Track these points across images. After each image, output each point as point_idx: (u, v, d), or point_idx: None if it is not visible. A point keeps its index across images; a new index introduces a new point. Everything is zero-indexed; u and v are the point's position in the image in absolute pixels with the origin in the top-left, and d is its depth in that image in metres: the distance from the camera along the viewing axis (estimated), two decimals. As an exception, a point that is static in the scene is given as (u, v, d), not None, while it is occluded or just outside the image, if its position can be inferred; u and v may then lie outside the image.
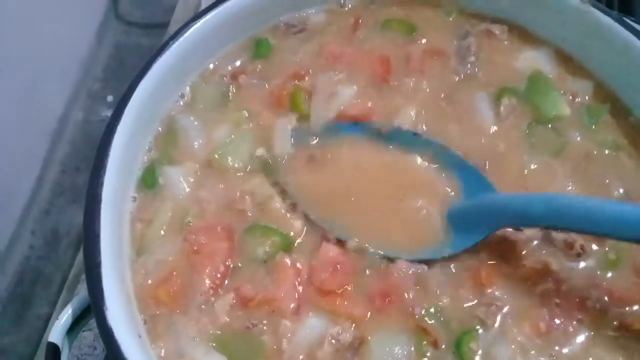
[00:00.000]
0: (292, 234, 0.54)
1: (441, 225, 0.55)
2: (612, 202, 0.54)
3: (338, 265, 0.51)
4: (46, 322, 0.86)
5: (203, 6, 0.88)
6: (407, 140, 0.58)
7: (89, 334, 0.69)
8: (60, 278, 0.95)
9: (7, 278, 0.95)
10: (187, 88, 0.62)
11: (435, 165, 0.58)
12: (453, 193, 0.56)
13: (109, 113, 1.08)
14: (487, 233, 0.53)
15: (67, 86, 1.03)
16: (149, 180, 0.56)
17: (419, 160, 0.58)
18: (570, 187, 0.57)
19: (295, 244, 0.53)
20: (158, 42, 0.98)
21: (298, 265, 0.52)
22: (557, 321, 0.50)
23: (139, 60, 1.12)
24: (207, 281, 0.51)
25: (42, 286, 0.95)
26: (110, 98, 1.08)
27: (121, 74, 1.09)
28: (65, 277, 0.88)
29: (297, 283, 0.51)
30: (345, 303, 0.50)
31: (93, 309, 0.46)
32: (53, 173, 1.01)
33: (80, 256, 0.83)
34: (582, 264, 0.53)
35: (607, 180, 0.57)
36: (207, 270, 0.52)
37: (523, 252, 0.53)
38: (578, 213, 0.47)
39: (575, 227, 0.49)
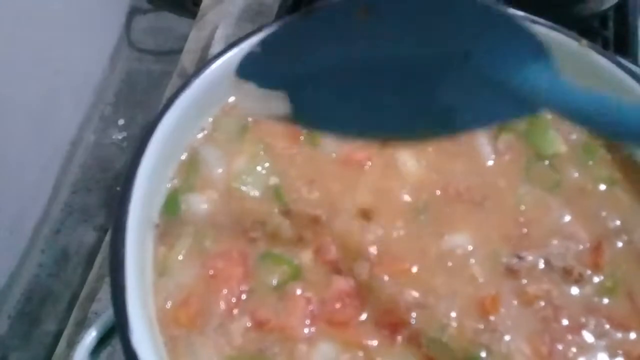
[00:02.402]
0: (301, 264, 0.56)
1: None
2: None
3: (348, 299, 0.53)
4: (54, 339, 0.87)
5: (216, 36, 0.92)
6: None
7: (104, 352, 0.70)
8: (69, 296, 0.97)
9: (17, 295, 0.97)
10: (210, 120, 0.64)
11: None
12: None
13: (119, 136, 1.11)
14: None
15: (80, 110, 1.06)
16: (171, 207, 0.58)
17: None
18: (567, 218, 0.59)
19: (305, 274, 0.55)
20: (169, 68, 1.02)
21: (309, 294, 0.54)
22: (559, 346, 0.52)
23: (150, 85, 1.16)
24: (223, 304, 0.53)
25: (51, 304, 0.97)
26: (121, 122, 1.10)
27: (132, 99, 1.12)
28: (74, 294, 0.90)
29: (308, 313, 0.53)
30: (355, 332, 0.52)
31: (118, 332, 0.48)
32: (64, 194, 1.04)
33: (91, 276, 0.85)
34: (580, 290, 0.55)
35: (604, 214, 0.60)
36: (223, 294, 0.54)
37: (524, 281, 0.55)
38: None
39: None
